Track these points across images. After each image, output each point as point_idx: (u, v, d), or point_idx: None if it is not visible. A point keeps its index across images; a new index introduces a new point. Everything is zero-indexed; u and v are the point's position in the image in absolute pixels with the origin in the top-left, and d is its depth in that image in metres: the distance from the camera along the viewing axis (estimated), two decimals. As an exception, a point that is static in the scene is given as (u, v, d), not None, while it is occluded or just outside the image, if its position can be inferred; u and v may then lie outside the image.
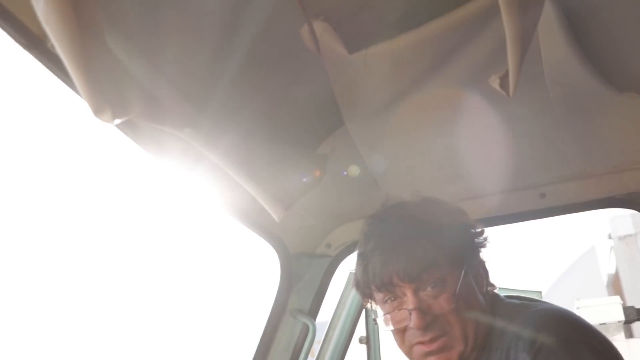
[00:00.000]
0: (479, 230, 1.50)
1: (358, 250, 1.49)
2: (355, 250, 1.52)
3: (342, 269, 2.29)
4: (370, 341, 3.50)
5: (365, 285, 1.44)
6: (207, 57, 1.39)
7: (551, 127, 1.72)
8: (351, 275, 2.30)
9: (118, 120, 1.12)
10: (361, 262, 1.45)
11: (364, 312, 2.96)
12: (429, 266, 1.35)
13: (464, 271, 1.38)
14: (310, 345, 2.16)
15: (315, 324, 2.17)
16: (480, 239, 1.49)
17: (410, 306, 1.36)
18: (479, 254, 1.48)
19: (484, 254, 1.50)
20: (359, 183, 1.96)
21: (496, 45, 1.29)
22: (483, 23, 1.33)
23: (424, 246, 1.36)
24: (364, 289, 1.46)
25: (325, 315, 2.38)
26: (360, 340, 3.49)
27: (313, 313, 2.17)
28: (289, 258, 2.15)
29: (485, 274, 1.48)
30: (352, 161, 1.85)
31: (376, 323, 1.46)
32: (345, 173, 1.88)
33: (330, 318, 2.85)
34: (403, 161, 1.89)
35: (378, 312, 1.47)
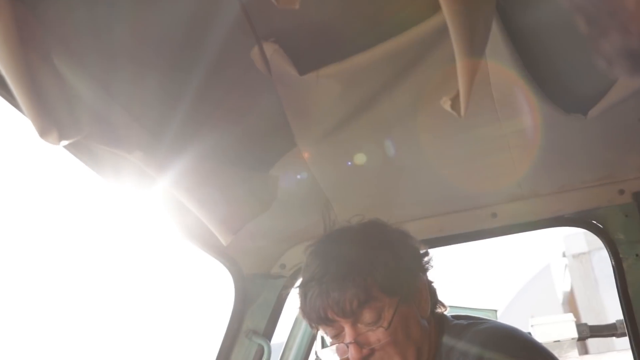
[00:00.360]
0: (422, 252, 1.50)
1: (301, 279, 1.48)
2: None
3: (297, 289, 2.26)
4: (327, 362, 3.47)
5: (307, 316, 1.43)
6: (160, 80, 1.38)
7: (501, 147, 1.75)
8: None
9: (65, 142, 1.09)
10: (302, 293, 1.44)
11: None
12: (364, 301, 1.35)
13: (400, 301, 1.37)
14: (265, 367, 2.13)
15: (271, 345, 2.14)
16: (424, 261, 1.49)
17: (347, 339, 1.35)
18: (424, 276, 1.48)
19: (429, 275, 1.50)
20: (313, 204, 1.96)
21: (447, 67, 1.31)
22: (434, 44, 1.34)
23: (358, 282, 1.35)
24: (308, 319, 1.45)
25: (280, 336, 2.35)
26: (317, 362, 3.46)
27: (268, 334, 2.14)
28: (243, 279, 2.13)
29: (430, 295, 1.48)
30: (305, 182, 1.84)
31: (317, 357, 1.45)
32: (298, 194, 1.87)
33: (285, 339, 2.81)
34: (355, 181, 1.89)
35: (326, 339, 1.46)
